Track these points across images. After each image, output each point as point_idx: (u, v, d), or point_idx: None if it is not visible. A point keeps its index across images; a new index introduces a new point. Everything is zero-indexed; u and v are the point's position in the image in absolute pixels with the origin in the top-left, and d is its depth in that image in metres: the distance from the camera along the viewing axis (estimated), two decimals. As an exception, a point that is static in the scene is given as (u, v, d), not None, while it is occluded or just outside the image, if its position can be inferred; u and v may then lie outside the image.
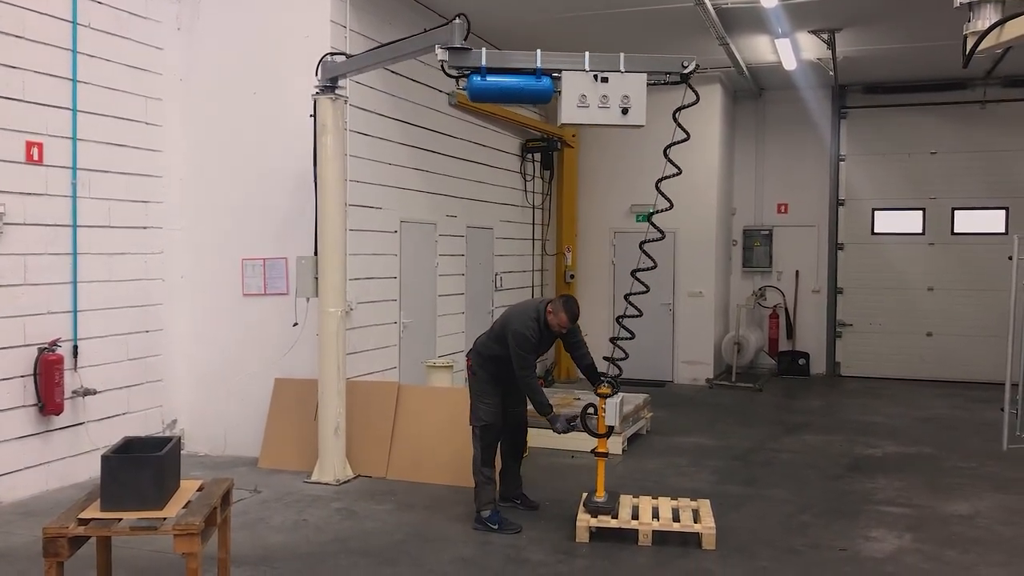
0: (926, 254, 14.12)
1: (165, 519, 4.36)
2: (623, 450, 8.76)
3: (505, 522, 6.37)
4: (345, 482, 7.59)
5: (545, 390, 10.48)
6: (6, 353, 6.89)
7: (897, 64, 12.74)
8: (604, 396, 6.37)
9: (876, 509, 7.01)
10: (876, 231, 14.39)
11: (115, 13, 7.90)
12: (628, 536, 6.09)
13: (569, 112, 6.39)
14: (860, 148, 14.41)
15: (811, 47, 11.61)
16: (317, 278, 7.66)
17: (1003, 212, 13.74)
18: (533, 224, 13.19)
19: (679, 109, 6.46)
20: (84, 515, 4.35)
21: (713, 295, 13.61)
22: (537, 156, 13.09)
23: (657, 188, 6.66)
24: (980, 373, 13.45)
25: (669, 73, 6.53)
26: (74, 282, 7.48)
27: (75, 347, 7.47)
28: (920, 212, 14.14)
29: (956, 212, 13.96)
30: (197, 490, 4.84)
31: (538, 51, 6.43)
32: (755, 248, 14.77)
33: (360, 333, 8.53)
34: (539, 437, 8.69)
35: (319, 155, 7.58)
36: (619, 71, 6.36)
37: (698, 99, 6.57)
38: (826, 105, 14.29)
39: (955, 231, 13.98)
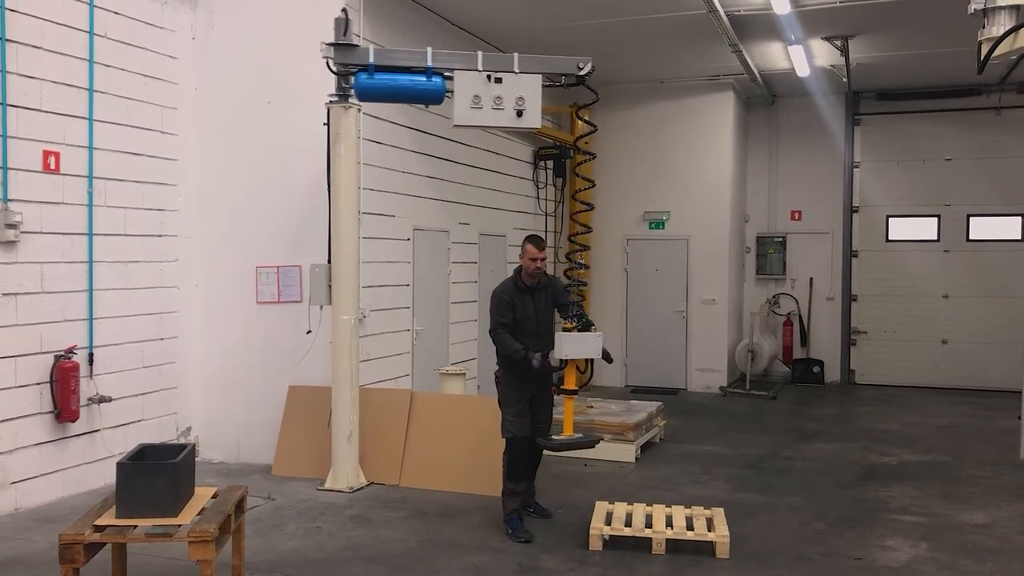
0: (941, 261, 14.04)
1: (180, 526, 4.39)
2: (636, 458, 8.74)
3: (519, 528, 6.36)
4: (358, 489, 7.60)
5: (556, 398, 10.50)
6: (23, 360, 6.94)
7: (911, 70, 12.70)
8: (566, 331, 6.07)
9: (891, 518, 6.96)
10: (891, 238, 14.32)
11: (131, 23, 7.97)
12: (642, 544, 6.07)
13: (462, 114, 6.20)
14: (874, 155, 14.36)
15: (824, 54, 11.59)
16: (331, 285, 7.69)
17: (1019, 219, 13.64)
18: (546, 232, 13.18)
19: (582, 107, 6.43)
20: (100, 522, 4.38)
21: (726, 302, 13.56)
22: (550, 164, 13.10)
23: (576, 144, 6.56)
24: (996, 381, 13.34)
25: (565, 75, 6.31)
26: (90, 290, 7.54)
27: (91, 354, 7.53)
28: (935, 219, 14.06)
29: (971, 219, 13.87)
30: (211, 497, 4.87)
31: (428, 49, 6.30)
32: (769, 255, 14.73)
33: (373, 340, 8.56)
34: (552, 445, 8.69)
35: (333, 163, 7.61)
36: (513, 72, 6.16)
37: (598, 98, 6.45)
38: (839, 112, 14.26)
39: (970, 238, 13.90)
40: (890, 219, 14.30)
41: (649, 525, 6.21)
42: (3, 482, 6.79)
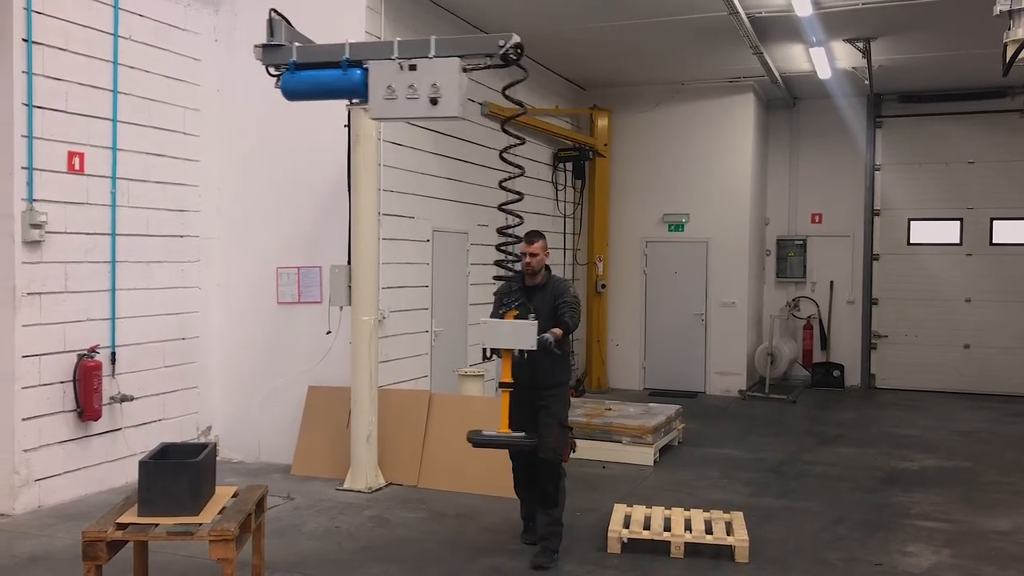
0: (963, 265, 13.91)
1: (201, 524, 4.41)
2: (654, 461, 8.71)
3: (525, 530, 6.35)
4: (377, 490, 7.62)
5: (575, 400, 10.49)
6: (47, 359, 7.01)
7: (934, 73, 12.59)
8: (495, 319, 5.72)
9: (913, 524, 6.90)
10: (912, 241, 14.20)
11: (155, 25, 8.04)
12: (660, 548, 6.05)
13: (377, 106, 5.86)
14: (896, 157, 14.25)
15: (846, 56, 11.52)
16: (350, 287, 7.72)
17: (1043, 223, 13.52)
18: (564, 233, 13.18)
19: (508, 86, 5.70)
20: (122, 520, 4.41)
21: (746, 305, 13.50)
22: (569, 165, 13.10)
23: (504, 128, 6.08)
24: (1019, 386, 13.25)
25: (490, 55, 5.75)
26: (112, 289, 7.61)
27: (113, 354, 7.59)
28: (957, 222, 13.93)
29: (995, 222, 13.73)
30: (232, 496, 4.89)
31: (347, 41, 6.11)
32: (789, 258, 14.64)
33: (392, 341, 8.58)
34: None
35: (353, 165, 7.64)
36: (428, 57, 5.74)
37: (526, 75, 5.74)
38: (861, 114, 14.16)
39: (993, 241, 13.76)
40: (912, 222, 14.18)
41: (668, 528, 6.18)
42: (27, 479, 6.86)
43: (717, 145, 13.48)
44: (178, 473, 4.54)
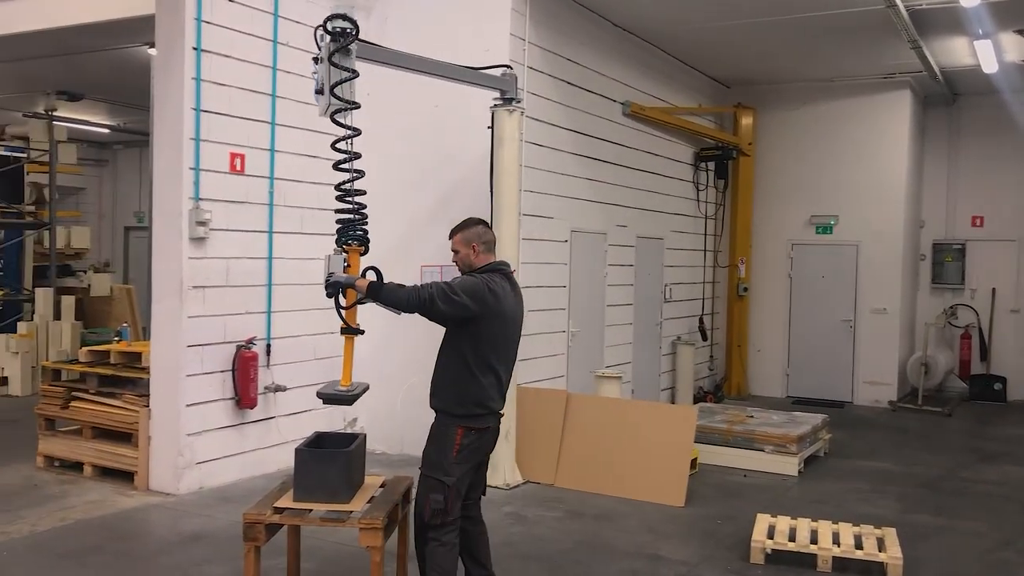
0: None
1: (352, 512, 4.55)
2: (799, 471, 8.41)
3: None
4: (515, 487, 7.69)
5: (714, 406, 10.31)
6: (210, 349, 7.44)
7: (1116, 64, 11.61)
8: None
9: (1089, 551, 6.39)
10: (1088, 246, 13.15)
11: (310, 31, 8.32)
12: (806, 561, 5.83)
13: (318, 105, 5.80)
14: (1070, 156, 13.22)
15: (1015, 48, 10.76)
16: (491, 285, 7.79)
17: None
18: (705, 235, 12.92)
19: (330, 54, 5.53)
20: (279, 504, 4.60)
21: (898, 312, 12.83)
22: (711, 165, 12.83)
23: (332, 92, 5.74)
24: None
25: (328, 33, 5.49)
26: (269, 285, 7.98)
27: (268, 346, 7.96)
28: None
29: None
30: (380, 486, 5.02)
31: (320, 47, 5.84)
32: (946, 263, 13.83)
33: (529, 340, 8.55)
34: (709, 454, 8.51)
35: (496, 166, 7.74)
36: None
37: (354, 40, 5.51)
38: (1031, 110, 13.21)
39: None
40: (1087, 226, 13.13)
41: (814, 541, 5.95)
42: (190, 462, 7.29)
43: (869, 144, 12.88)
44: (332, 461, 4.70)
